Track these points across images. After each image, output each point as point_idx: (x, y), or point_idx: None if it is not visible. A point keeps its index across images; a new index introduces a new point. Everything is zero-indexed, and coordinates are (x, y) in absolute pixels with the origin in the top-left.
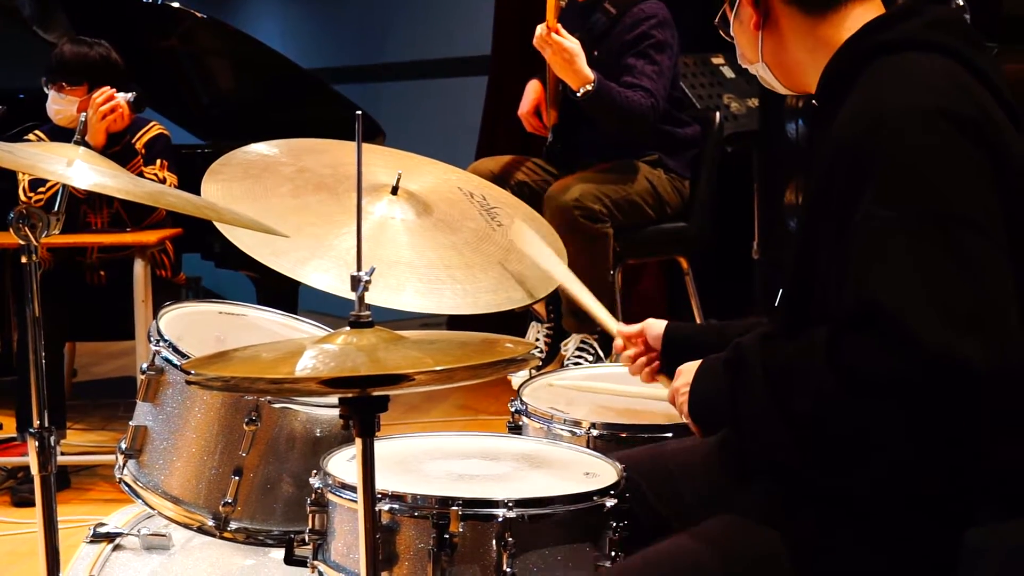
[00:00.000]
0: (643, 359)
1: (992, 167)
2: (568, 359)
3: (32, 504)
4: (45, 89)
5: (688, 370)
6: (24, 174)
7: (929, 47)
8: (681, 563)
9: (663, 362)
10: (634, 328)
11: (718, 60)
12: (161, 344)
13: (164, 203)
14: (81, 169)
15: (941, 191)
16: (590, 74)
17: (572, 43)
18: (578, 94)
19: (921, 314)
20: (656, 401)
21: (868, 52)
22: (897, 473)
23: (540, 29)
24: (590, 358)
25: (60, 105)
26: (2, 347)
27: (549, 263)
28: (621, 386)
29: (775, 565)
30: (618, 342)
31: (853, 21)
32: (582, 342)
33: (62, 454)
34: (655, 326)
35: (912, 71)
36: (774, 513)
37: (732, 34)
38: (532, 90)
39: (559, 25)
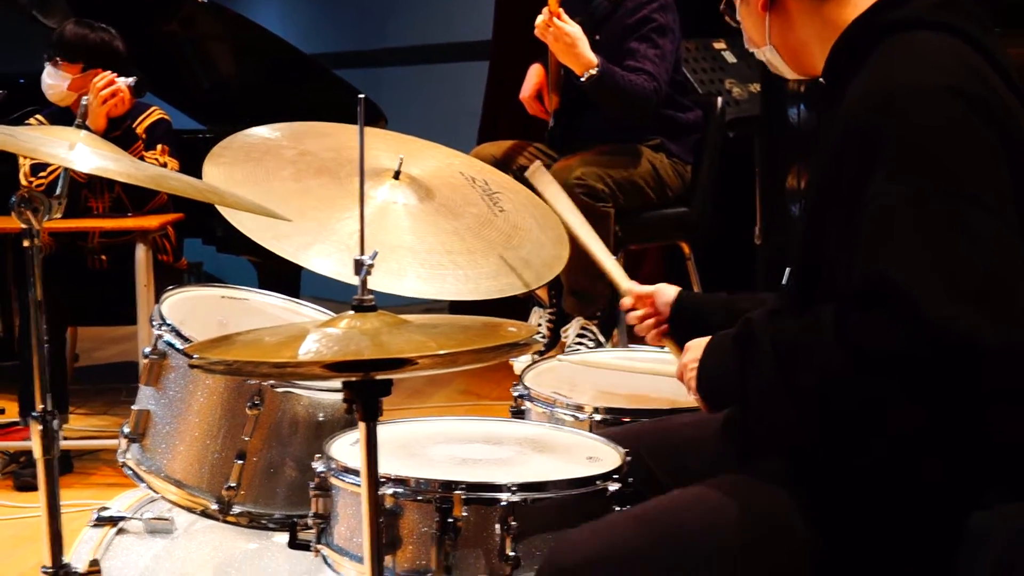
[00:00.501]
0: (651, 320)
1: (1002, 146)
2: (568, 345)
3: (35, 488)
4: (45, 65)
5: (697, 346)
6: (25, 159)
7: (938, 26)
8: (697, 517)
9: (671, 328)
10: (646, 289)
11: (720, 45)
12: (164, 328)
13: (166, 187)
14: (83, 153)
15: (951, 169)
16: (593, 58)
17: (574, 28)
18: (582, 79)
19: (929, 291)
20: (660, 384)
21: (877, 31)
22: (902, 449)
23: (542, 15)
24: (590, 344)
25: (53, 80)
26: (4, 332)
27: (566, 211)
28: (628, 362)
29: (785, 530)
30: (626, 300)
31: (859, 1)
32: (582, 328)
33: (64, 439)
34: (667, 291)
35: (922, 50)
36: (780, 480)
37: (739, 18)
38: (534, 74)
39: (561, 10)
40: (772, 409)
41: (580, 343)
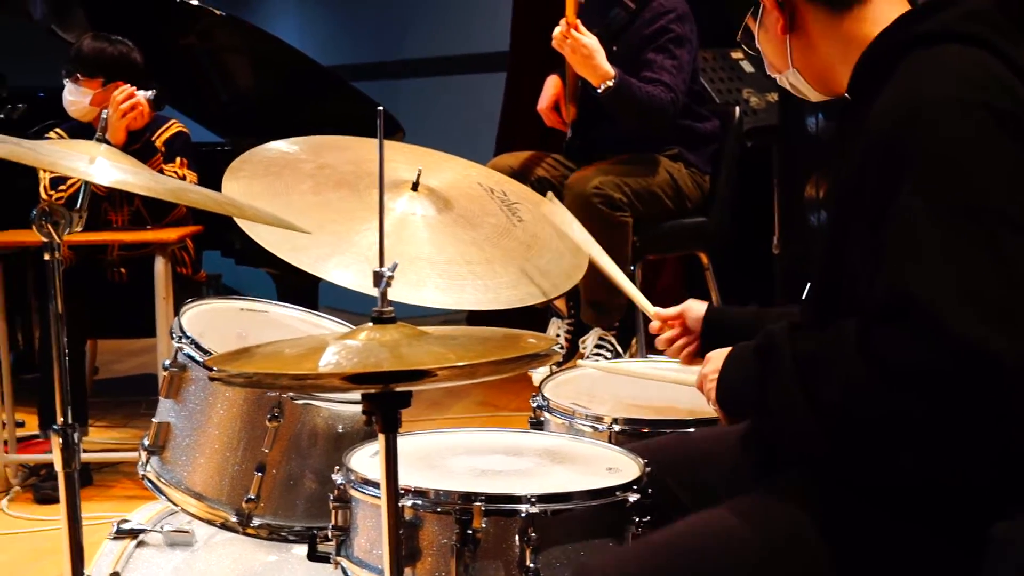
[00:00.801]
0: (682, 341)
1: None
2: (587, 356)
3: (55, 501)
4: (64, 83)
5: (717, 357)
6: (45, 172)
7: (964, 39)
8: (715, 537)
9: (703, 345)
10: (673, 310)
11: (737, 55)
12: (183, 340)
13: (185, 199)
14: (103, 166)
15: (977, 185)
16: (610, 70)
17: (591, 40)
18: (599, 90)
19: (953, 307)
20: (679, 395)
21: (902, 45)
22: (924, 465)
23: (560, 26)
24: (608, 355)
25: (74, 96)
26: (24, 345)
27: (585, 241)
28: (652, 370)
29: (804, 544)
30: (655, 324)
31: (879, 14)
32: (600, 339)
33: (84, 451)
34: (695, 308)
35: (949, 63)
36: (801, 502)
37: (758, 46)
38: (551, 85)
39: (578, 21)
40: (792, 421)
41: (598, 354)
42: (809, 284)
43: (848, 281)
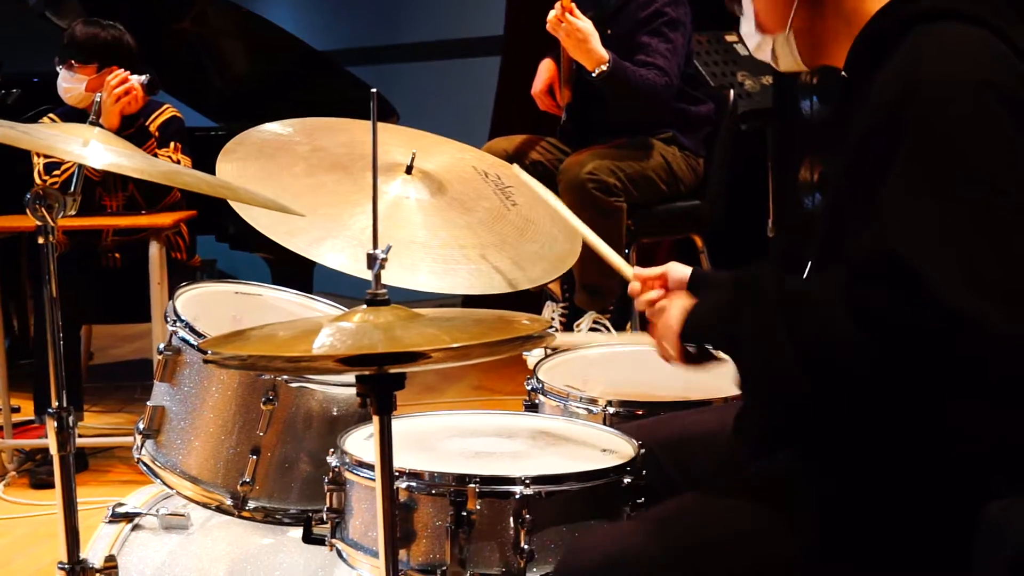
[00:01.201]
0: (664, 302)
1: None
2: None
3: (50, 486)
4: (57, 69)
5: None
6: (40, 157)
7: (966, 18)
8: (704, 512)
9: None
10: (654, 270)
11: (732, 38)
12: (178, 324)
13: (179, 182)
14: (96, 149)
15: (976, 160)
16: (605, 54)
17: (585, 23)
18: (593, 74)
19: (942, 272)
20: (672, 380)
21: (904, 21)
22: (902, 421)
23: (555, 10)
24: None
25: (70, 83)
26: (19, 331)
27: (564, 211)
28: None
29: (793, 526)
30: (635, 285)
31: None
32: (595, 322)
33: (79, 436)
34: (679, 270)
35: (950, 41)
36: (793, 481)
37: (746, 2)
38: (545, 69)
39: (573, 5)
40: (770, 353)
41: (594, 332)
42: (809, 265)
43: (847, 257)
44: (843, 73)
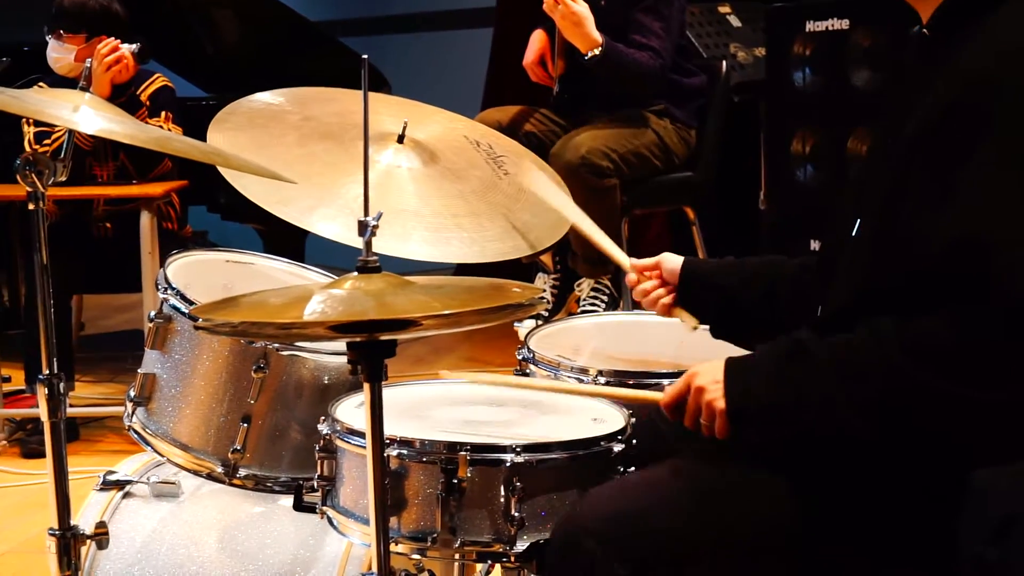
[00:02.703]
0: (659, 291)
1: None
2: (583, 300)
3: (41, 455)
4: (47, 39)
5: (705, 370)
6: (30, 127)
7: None
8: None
9: (679, 296)
10: (649, 261)
11: (725, 9)
12: (169, 292)
13: (170, 149)
14: (87, 114)
15: None
16: (598, 37)
17: (581, 7)
18: (586, 57)
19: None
20: (664, 348)
21: None
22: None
23: None
24: (605, 298)
25: (59, 53)
26: (10, 302)
27: (559, 203)
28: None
29: (778, 493)
30: (631, 276)
31: None
32: (597, 283)
33: (70, 406)
34: (671, 260)
35: None
36: (778, 450)
37: None
38: (537, 40)
39: None
40: (834, 421)
41: (595, 298)
42: (858, 221)
43: (904, 223)
44: (924, 31)
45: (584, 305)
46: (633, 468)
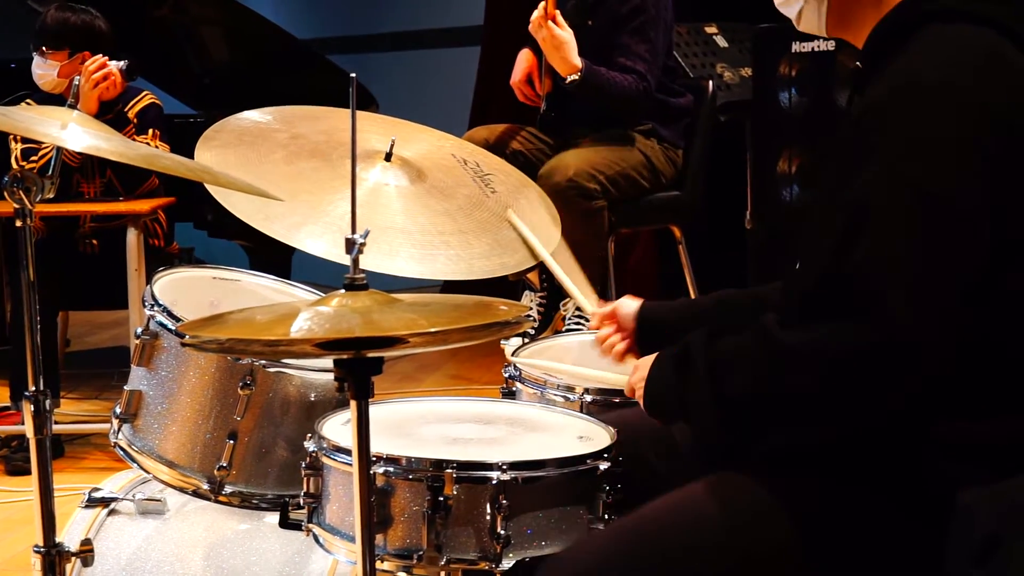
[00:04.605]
0: (613, 339)
1: (1011, 158)
2: (568, 318)
3: (26, 473)
4: (33, 56)
5: (644, 364)
6: (17, 143)
7: (980, 20)
8: (681, 517)
9: (636, 341)
10: (605, 309)
11: (711, 30)
12: (155, 308)
13: (158, 166)
14: (75, 131)
15: (935, 176)
16: (578, 62)
17: (564, 33)
18: (565, 81)
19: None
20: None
21: (918, 18)
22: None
23: (538, 11)
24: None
25: (43, 69)
26: None
27: (535, 241)
28: (582, 369)
29: (769, 522)
30: (592, 322)
31: None
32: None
33: (56, 423)
34: (627, 305)
35: (953, 45)
36: (772, 473)
37: None
38: (524, 59)
39: (557, 12)
40: (705, 424)
41: (579, 317)
42: (799, 262)
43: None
44: (858, 64)
45: (570, 324)
46: (619, 486)
